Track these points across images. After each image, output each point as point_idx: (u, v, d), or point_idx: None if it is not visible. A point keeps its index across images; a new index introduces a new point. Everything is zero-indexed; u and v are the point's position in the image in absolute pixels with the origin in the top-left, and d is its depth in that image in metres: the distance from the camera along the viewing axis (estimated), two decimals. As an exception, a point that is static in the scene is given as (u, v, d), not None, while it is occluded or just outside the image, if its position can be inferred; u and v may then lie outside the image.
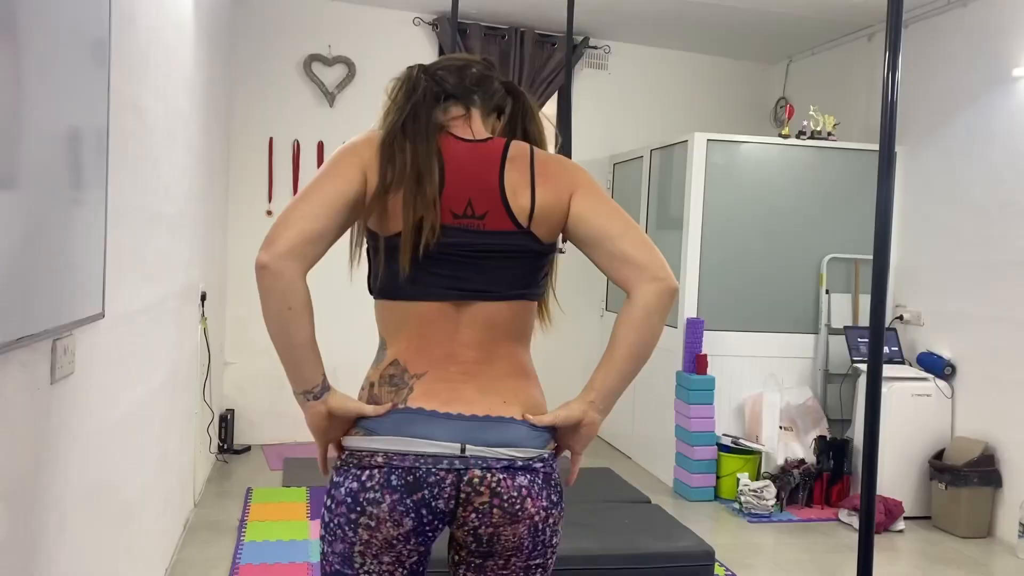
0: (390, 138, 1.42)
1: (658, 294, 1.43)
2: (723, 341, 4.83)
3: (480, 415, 1.40)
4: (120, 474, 2.44)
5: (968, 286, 4.44)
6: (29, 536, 1.67)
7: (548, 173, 1.48)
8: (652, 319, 1.44)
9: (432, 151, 1.42)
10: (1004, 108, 4.27)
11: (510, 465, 1.40)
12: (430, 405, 1.40)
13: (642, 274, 1.43)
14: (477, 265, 1.42)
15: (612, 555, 2.98)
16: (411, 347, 1.43)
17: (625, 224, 1.48)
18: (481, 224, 1.42)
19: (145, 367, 2.77)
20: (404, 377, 1.42)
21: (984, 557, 3.97)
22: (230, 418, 5.14)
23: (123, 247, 2.35)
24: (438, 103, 1.49)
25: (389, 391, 1.42)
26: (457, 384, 1.42)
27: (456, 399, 1.41)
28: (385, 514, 1.36)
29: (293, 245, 1.30)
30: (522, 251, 1.45)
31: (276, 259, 1.30)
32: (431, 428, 1.38)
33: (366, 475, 1.38)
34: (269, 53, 5.41)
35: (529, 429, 1.43)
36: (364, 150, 1.42)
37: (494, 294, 1.43)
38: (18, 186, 1.47)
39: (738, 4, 5.10)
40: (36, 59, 1.53)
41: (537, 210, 1.44)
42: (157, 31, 2.80)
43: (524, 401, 1.45)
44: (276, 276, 1.30)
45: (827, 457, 4.60)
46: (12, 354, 1.52)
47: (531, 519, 1.42)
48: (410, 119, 1.43)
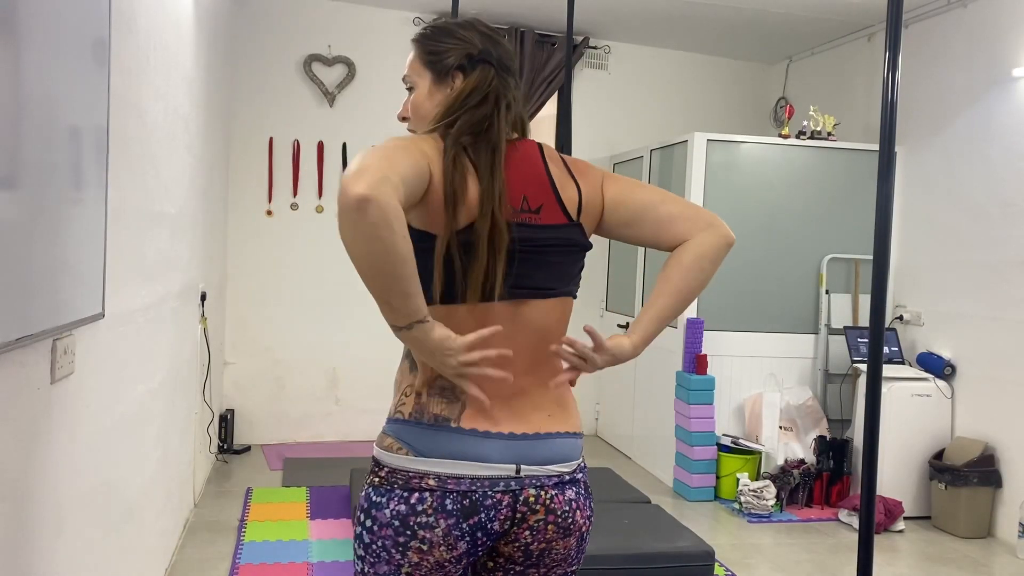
0: (458, 142, 1.35)
1: (713, 240, 1.43)
2: (723, 341, 4.83)
3: (531, 433, 1.39)
4: (120, 474, 2.44)
5: (968, 286, 4.44)
6: (29, 536, 1.67)
7: (580, 168, 1.49)
8: (703, 263, 1.43)
9: (502, 161, 1.37)
10: (1004, 108, 4.27)
11: (560, 480, 1.41)
12: (483, 425, 1.36)
13: (696, 224, 1.43)
14: (536, 261, 1.39)
15: (612, 555, 2.98)
16: None
17: (663, 193, 1.49)
18: (537, 218, 1.40)
19: (145, 367, 2.77)
20: (456, 391, 1.36)
21: (984, 557, 3.97)
22: (230, 418, 5.14)
23: (123, 247, 2.35)
24: (506, 118, 1.43)
25: (440, 402, 1.37)
26: (509, 400, 1.38)
27: (508, 417, 1.38)
28: (439, 539, 1.33)
29: (388, 175, 1.16)
30: (573, 245, 1.44)
31: (378, 187, 1.13)
32: (485, 450, 1.35)
33: (416, 498, 1.33)
34: (269, 53, 5.41)
35: (572, 441, 1.44)
36: (425, 145, 1.33)
37: (550, 291, 1.41)
38: (18, 186, 1.47)
39: (738, 4, 5.10)
40: (36, 59, 1.53)
41: (584, 202, 1.44)
42: (157, 31, 2.80)
43: (565, 413, 1.45)
44: (385, 204, 1.13)
45: (827, 457, 4.60)
46: (12, 354, 1.52)
47: (579, 530, 1.43)
48: (485, 133, 1.38)
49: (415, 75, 1.47)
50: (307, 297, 5.49)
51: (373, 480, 1.38)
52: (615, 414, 5.85)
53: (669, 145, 5.16)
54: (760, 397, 4.76)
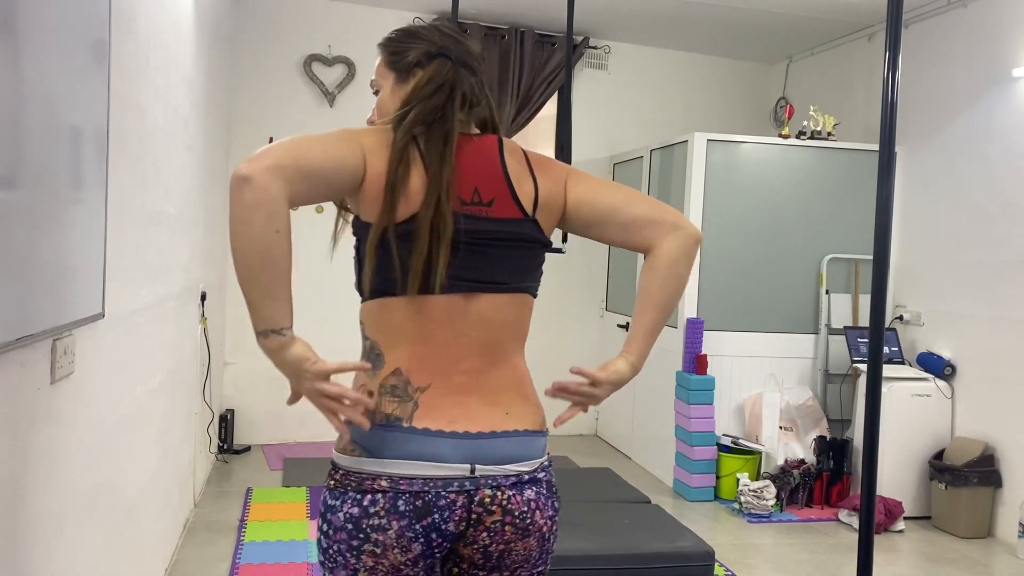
0: (409, 132, 1.35)
1: (681, 243, 1.44)
2: (723, 341, 4.83)
3: (486, 431, 1.37)
4: (120, 474, 2.44)
5: (968, 286, 4.44)
6: (29, 536, 1.67)
7: (542, 164, 1.47)
8: (677, 269, 1.44)
9: (454, 149, 1.37)
10: (1004, 108, 4.27)
11: (518, 480, 1.38)
12: (436, 424, 1.34)
13: (661, 227, 1.44)
14: (485, 254, 1.37)
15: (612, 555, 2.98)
16: (415, 354, 1.36)
17: (627, 193, 1.49)
18: (489, 211, 1.38)
19: (145, 367, 2.76)
20: (407, 390, 1.35)
21: (984, 557, 3.97)
22: (230, 418, 5.14)
23: (123, 247, 2.35)
24: (461, 107, 1.42)
25: (392, 402, 1.35)
26: (462, 397, 1.37)
27: (462, 415, 1.36)
28: (392, 540, 1.31)
29: (282, 163, 1.19)
30: (528, 240, 1.42)
31: (262, 172, 1.17)
32: (439, 449, 1.33)
33: (368, 500, 1.31)
34: (269, 53, 5.41)
35: (531, 439, 1.41)
36: (365, 137, 1.35)
37: (501, 285, 1.39)
38: (18, 186, 1.47)
39: (738, 4, 5.10)
40: (36, 59, 1.53)
41: (541, 198, 1.42)
42: (157, 31, 2.80)
43: (525, 410, 1.43)
44: (262, 190, 1.16)
45: (827, 457, 4.60)
46: (12, 354, 1.52)
47: (540, 531, 1.41)
48: (438, 123, 1.37)
49: (380, 78, 1.49)
50: (307, 297, 5.48)
51: (329, 483, 1.36)
52: (615, 414, 5.85)
53: (669, 145, 5.16)
54: (760, 397, 4.76)
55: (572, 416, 1.46)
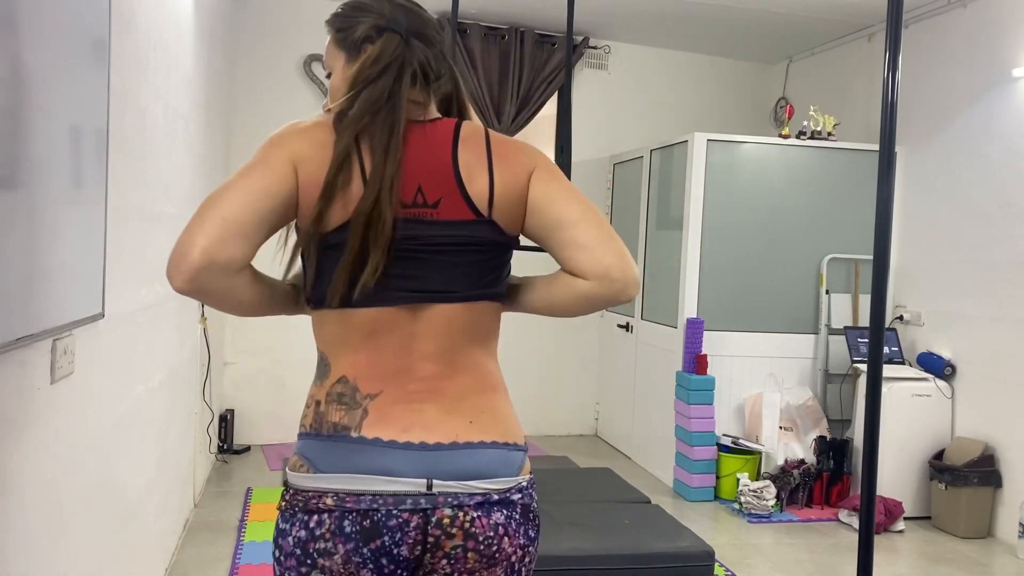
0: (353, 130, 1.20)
1: (607, 292, 1.24)
2: (723, 341, 4.83)
3: (446, 442, 1.21)
4: (120, 474, 2.44)
5: (968, 286, 4.44)
6: (29, 536, 1.67)
7: (505, 154, 1.28)
8: (579, 310, 1.29)
9: (400, 141, 1.21)
10: (1004, 108, 4.27)
11: (485, 500, 1.21)
12: (388, 433, 1.19)
13: (595, 267, 1.22)
14: (432, 261, 1.22)
15: (612, 555, 2.98)
16: (360, 361, 1.22)
17: (583, 210, 1.26)
18: (434, 213, 1.22)
19: (145, 367, 2.76)
20: (355, 396, 1.21)
21: (984, 557, 3.97)
22: (230, 418, 5.14)
23: (123, 247, 2.35)
24: (413, 86, 1.27)
25: (339, 410, 1.20)
26: (417, 405, 1.22)
27: (416, 423, 1.21)
28: (339, 567, 1.16)
29: (207, 259, 1.09)
30: (483, 243, 1.25)
31: (194, 280, 1.10)
32: (390, 461, 1.18)
33: (315, 521, 1.17)
34: (269, 53, 5.41)
35: (503, 453, 1.24)
36: (292, 141, 1.20)
37: (454, 295, 1.23)
38: (18, 186, 1.47)
39: (738, 4, 5.10)
40: (36, 59, 1.52)
41: (497, 195, 1.24)
42: (157, 31, 2.80)
43: (494, 419, 1.26)
44: (206, 295, 1.13)
45: (827, 457, 4.60)
46: (12, 354, 1.52)
47: (508, 560, 1.23)
48: (386, 109, 1.22)
49: (331, 59, 1.34)
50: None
51: (280, 505, 1.23)
52: (615, 414, 5.85)
53: (669, 145, 5.15)
54: (760, 397, 4.76)
55: None
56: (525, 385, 5.65)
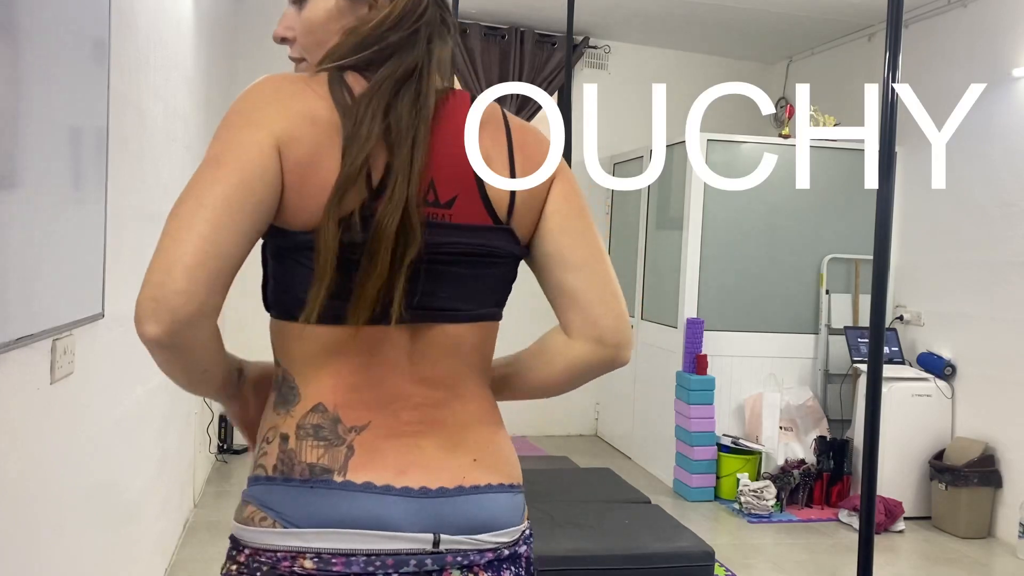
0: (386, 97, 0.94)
1: (599, 360, 1.06)
2: (723, 341, 4.83)
3: (451, 487, 0.97)
4: (120, 474, 2.44)
5: (968, 286, 4.44)
6: (29, 536, 1.67)
7: (526, 144, 1.04)
8: (575, 383, 1.10)
9: (429, 126, 0.96)
10: (1004, 108, 4.27)
11: (496, 557, 0.99)
12: (381, 477, 0.94)
13: (589, 328, 1.04)
14: (441, 273, 0.98)
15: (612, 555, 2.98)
16: (341, 385, 0.96)
17: (594, 251, 1.05)
18: (448, 215, 0.98)
19: (145, 367, 2.76)
20: (337, 430, 0.95)
21: (984, 557, 3.97)
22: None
23: (123, 247, 2.35)
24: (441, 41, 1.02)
25: (315, 447, 0.94)
26: (412, 440, 0.98)
27: (414, 463, 0.97)
28: None
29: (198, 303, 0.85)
30: (499, 255, 1.02)
31: (175, 331, 0.86)
32: (387, 511, 0.93)
33: None
34: (269, 53, 5.40)
35: (510, 497, 1.03)
36: (272, 116, 0.93)
37: (462, 313, 1.01)
38: (18, 186, 1.46)
39: (738, 4, 5.10)
40: (36, 59, 1.52)
41: (518, 198, 1.02)
42: (157, 31, 2.80)
43: (498, 457, 1.04)
44: (181, 351, 0.89)
45: (827, 457, 4.60)
46: (12, 354, 1.52)
47: None
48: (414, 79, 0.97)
49: None
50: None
51: (230, 569, 0.94)
52: (615, 414, 5.85)
53: (669, 145, 5.15)
54: (760, 397, 4.76)
55: None
56: (525, 385, 5.66)
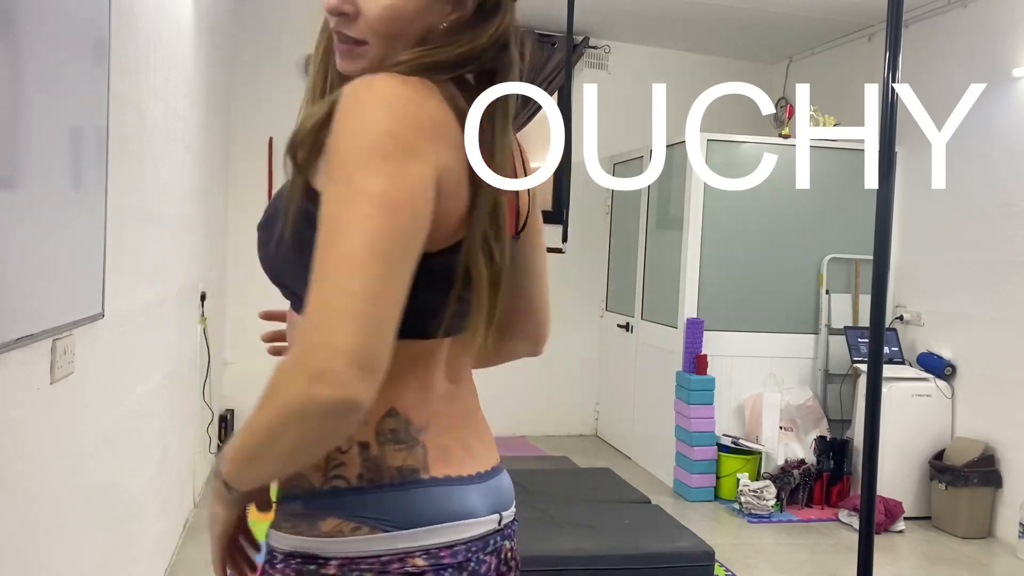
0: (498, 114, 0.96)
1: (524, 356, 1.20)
2: (723, 341, 4.83)
3: (489, 468, 1.05)
4: (120, 474, 2.44)
5: (968, 286, 4.44)
6: (29, 536, 1.67)
7: (525, 150, 1.10)
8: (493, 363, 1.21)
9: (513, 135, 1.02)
10: (1004, 108, 4.27)
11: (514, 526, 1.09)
12: (456, 468, 1.00)
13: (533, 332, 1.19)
14: None
15: (612, 555, 2.98)
16: (407, 389, 0.98)
17: (545, 261, 1.18)
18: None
19: (145, 367, 2.76)
20: (410, 431, 0.97)
21: (984, 557, 3.97)
22: (230, 418, 5.13)
23: (123, 247, 2.35)
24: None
25: (398, 451, 0.96)
26: (459, 432, 1.03)
27: (468, 452, 1.03)
28: None
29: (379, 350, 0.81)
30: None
31: (365, 385, 0.80)
32: (469, 500, 0.99)
33: None
34: (269, 53, 5.41)
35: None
36: (433, 145, 0.88)
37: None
38: (18, 186, 1.47)
39: (738, 4, 5.10)
40: (36, 59, 1.52)
41: (529, 208, 1.10)
42: (157, 31, 2.80)
43: (492, 437, 1.11)
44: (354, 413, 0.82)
45: (827, 457, 4.60)
46: (12, 354, 1.52)
47: None
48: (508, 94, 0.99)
49: None
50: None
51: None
52: (615, 414, 5.85)
53: (669, 145, 5.15)
54: (760, 397, 4.76)
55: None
56: (525, 385, 5.66)
